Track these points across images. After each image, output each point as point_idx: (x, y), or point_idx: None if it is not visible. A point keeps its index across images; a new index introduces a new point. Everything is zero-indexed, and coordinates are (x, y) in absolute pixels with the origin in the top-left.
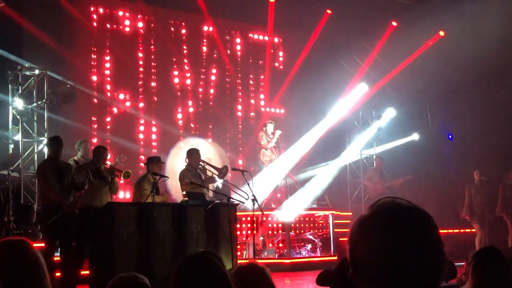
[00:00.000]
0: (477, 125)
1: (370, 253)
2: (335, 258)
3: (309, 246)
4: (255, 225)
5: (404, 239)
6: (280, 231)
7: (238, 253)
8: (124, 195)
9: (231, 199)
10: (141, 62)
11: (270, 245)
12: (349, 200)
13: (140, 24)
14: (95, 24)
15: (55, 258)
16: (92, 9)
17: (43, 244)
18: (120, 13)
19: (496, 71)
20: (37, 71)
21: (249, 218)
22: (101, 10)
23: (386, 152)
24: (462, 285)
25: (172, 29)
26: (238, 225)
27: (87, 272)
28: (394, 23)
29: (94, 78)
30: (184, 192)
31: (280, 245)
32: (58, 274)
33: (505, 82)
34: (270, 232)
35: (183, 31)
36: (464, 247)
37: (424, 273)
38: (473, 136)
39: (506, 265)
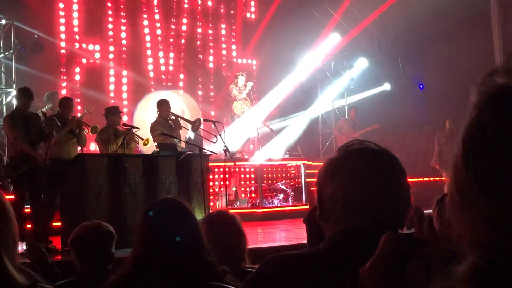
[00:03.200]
0: (448, 75)
1: (337, 192)
2: (307, 207)
3: (281, 195)
4: (227, 175)
5: (370, 178)
6: (252, 182)
7: (211, 204)
8: (95, 147)
9: (203, 150)
10: (110, 12)
11: (243, 195)
12: (321, 150)
13: None
14: None
15: (26, 210)
16: None
17: (13, 196)
18: None
19: (468, 21)
20: (3, 21)
21: (221, 169)
22: None
23: (358, 102)
24: None
25: None
26: (210, 176)
27: (59, 223)
28: None
29: (62, 28)
30: (156, 143)
31: (253, 195)
32: (29, 226)
33: (477, 32)
34: (242, 182)
35: None
36: (433, 195)
37: (389, 212)
38: (444, 86)
39: None
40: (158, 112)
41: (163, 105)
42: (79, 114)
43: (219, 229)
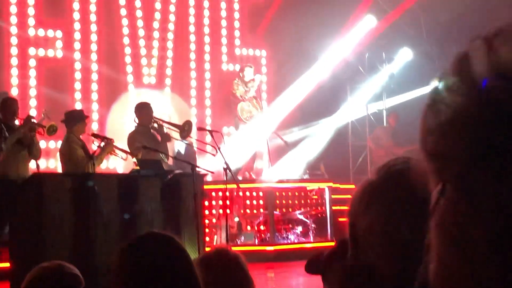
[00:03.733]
0: None
1: (375, 225)
2: (333, 244)
3: (300, 228)
4: (228, 201)
5: (418, 209)
6: (261, 210)
7: (207, 239)
8: (56, 164)
9: (197, 168)
10: None
11: (249, 227)
12: (352, 169)
13: None
14: None
15: None
16: None
17: None
18: None
19: None
20: None
21: (221, 193)
22: None
23: (399, 106)
24: None
25: None
26: (206, 202)
27: (7, 264)
28: None
29: (13, 9)
30: (135, 160)
31: (262, 227)
32: None
33: None
34: (248, 210)
35: None
36: None
37: None
38: None
39: None
40: (137, 119)
41: (143, 109)
42: (34, 121)
43: (218, 273)
